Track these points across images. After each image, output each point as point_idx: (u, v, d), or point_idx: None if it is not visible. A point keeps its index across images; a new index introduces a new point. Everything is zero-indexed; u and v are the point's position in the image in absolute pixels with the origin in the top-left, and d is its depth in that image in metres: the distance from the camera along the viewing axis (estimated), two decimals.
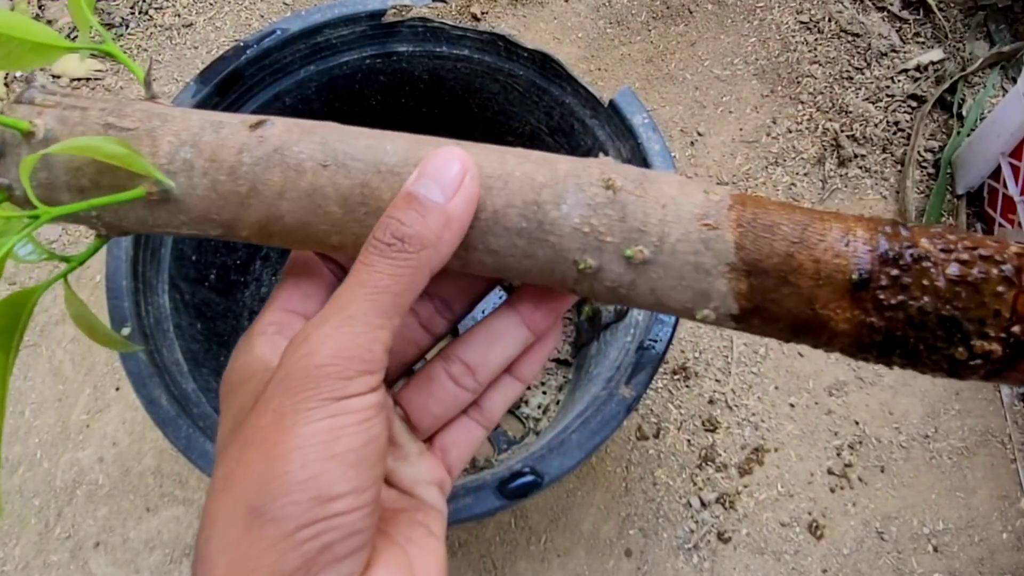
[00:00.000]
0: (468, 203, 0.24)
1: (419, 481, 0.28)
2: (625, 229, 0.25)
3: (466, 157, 0.25)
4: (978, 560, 0.67)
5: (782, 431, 0.72)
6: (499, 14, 0.93)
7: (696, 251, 0.25)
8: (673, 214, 0.25)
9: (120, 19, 0.94)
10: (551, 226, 0.25)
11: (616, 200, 0.25)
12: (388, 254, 0.24)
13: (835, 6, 0.92)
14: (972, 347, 0.23)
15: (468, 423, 0.30)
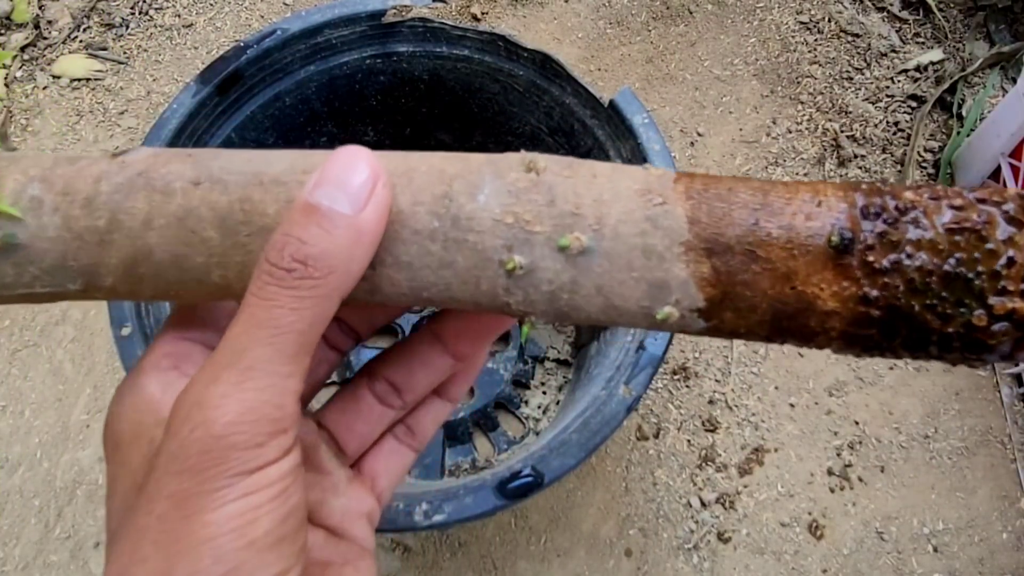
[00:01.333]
0: (381, 214, 0.20)
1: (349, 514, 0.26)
2: (556, 214, 0.21)
3: (373, 158, 0.21)
4: (978, 560, 0.67)
5: (782, 431, 0.72)
6: (499, 14, 0.93)
7: (643, 231, 0.21)
8: (610, 191, 0.21)
9: (120, 19, 0.94)
10: (468, 221, 0.21)
11: (541, 182, 0.21)
12: (288, 282, 0.19)
13: (835, 6, 0.92)
14: (991, 307, 0.20)
15: (397, 447, 0.28)
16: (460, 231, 0.21)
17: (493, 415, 0.70)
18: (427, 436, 0.28)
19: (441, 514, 0.42)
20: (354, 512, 0.26)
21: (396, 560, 0.66)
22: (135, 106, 0.89)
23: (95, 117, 0.88)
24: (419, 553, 0.67)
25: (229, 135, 0.57)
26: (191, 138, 0.54)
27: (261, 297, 0.19)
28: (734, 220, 0.21)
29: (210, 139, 0.56)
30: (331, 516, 0.25)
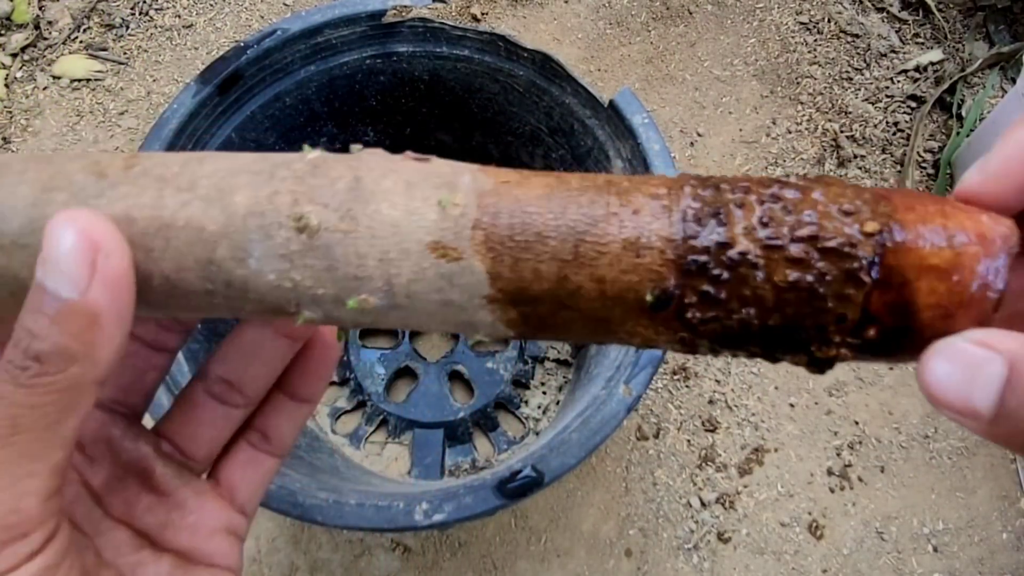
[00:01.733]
0: (113, 288, 0.18)
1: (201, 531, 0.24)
2: (338, 278, 0.19)
3: (90, 223, 0.18)
4: (978, 560, 0.67)
5: (782, 431, 0.72)
6: (499, 15, 0.93)
7: (439, 288, 0.19)
8: (397, 249, 0.19)
9: (120, 20, 0.94)
10: (244, 285, 0.19)
11: (316, 245, 0.19)
12: (23, 380, 0.17)
13: (835, 7, 0.92)
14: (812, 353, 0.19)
15: (254, 454, 0.26)
16: (238, 292, 0.19)
17: (493, 415, 0.70)
18: (286, 441, 0.27)
19: (441, 514, 0.42)
20: (207, 529, 0.24)
21: (396, 560, 0.66)
22: (135, 106, 0.89)
23: (95, 118, 0.88)
24: (419, 553, 0.67)
25: (229, 135, 0.57)
26: (191, 138, 0.54)
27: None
28: (541, 275, 0.19)
29: (210, 139, 0.56)
30: (177, 538, 0.24)
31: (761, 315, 0.18)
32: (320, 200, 0.19)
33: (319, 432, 0.68)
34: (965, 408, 0.17)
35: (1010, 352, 0.16)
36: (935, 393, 0.17)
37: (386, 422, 0.70)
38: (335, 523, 0.42)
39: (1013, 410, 0.16)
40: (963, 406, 0.17)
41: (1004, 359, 0.16)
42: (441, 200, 0.19)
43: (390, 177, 0.20)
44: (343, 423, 0.71)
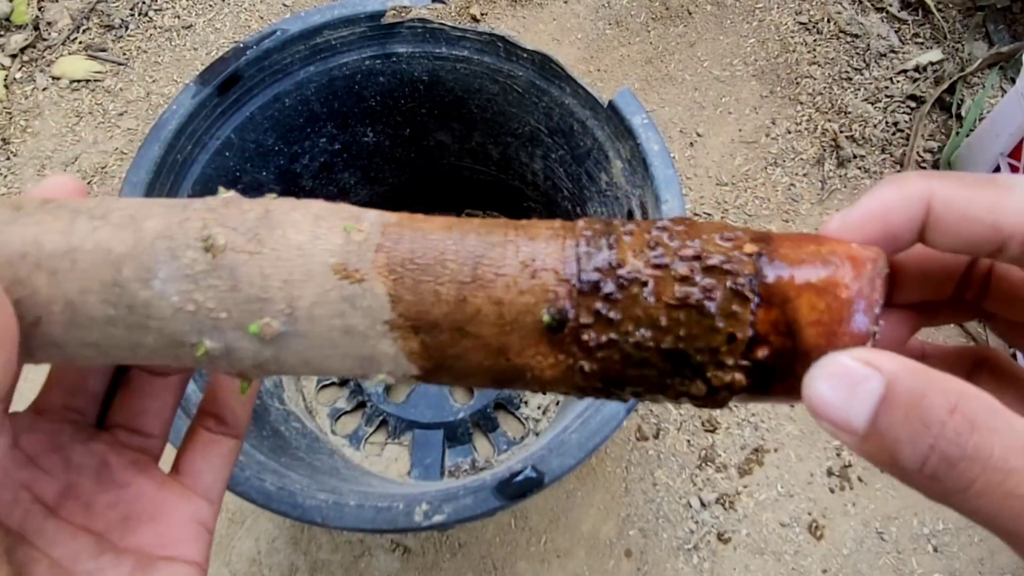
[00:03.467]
0: None
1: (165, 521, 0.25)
2: (240, 300, 0.19)
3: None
4: (978, 560, 0.67)
5: (782, 431, 0.72)
6: (498, 15, 0.93)
7: (341, 312, 0.19)
8: (301, 270, 0.19)
9: (120, 21, 0.94)
10: (146, 308, 0.19)
11: (221, 265, 0.19)
12: None
13: (834, 7, 0.92)
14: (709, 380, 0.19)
15: (212, 437, 0.27)
16: (139, 318, 0.20)
17: (493, 416, 0.70)
18: (240, 419, 0.28)
19: (441, 514, 0.42)
20: (171, 519, 0.25)
21: (396, 560, 0.66)
22: (135, 107, 0.89)
23: (95, 118, 0.88)
24: (419, 553, 0.67)
25: (229, 136, 0.57)
26: (191, 139, 0.54)
27: None
28: (440, 297, 0.19)
29: (210, 140, 0.56)
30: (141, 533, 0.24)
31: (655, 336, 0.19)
32: (229, 224, 0.20)
33: (319, 433, 0.68)
34: (842, 421, 0.18)
35: (890, 372, 0.17)
36: (816, 406, 0.18)
37: (386, 423, 0.70)
38: (335, 524, 0.42)
39: (884, 428, 0.17)
40: (841, 419, 0.18)
41: (883, 378, 0.17)
42: (346, 227, 0.20)
43: (299, 210, 0.20)
44: (343, 424, 0.71)
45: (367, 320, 0.20)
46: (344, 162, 0.68)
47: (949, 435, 0.16)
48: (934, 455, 0.16)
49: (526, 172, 0.68)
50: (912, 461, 0.17)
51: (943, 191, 0.19)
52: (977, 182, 0.19)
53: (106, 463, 0.25)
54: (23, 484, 0.23)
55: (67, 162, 0.86)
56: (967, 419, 0.16)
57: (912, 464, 0.17)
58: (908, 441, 0.17)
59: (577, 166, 0.61)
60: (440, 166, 0.72)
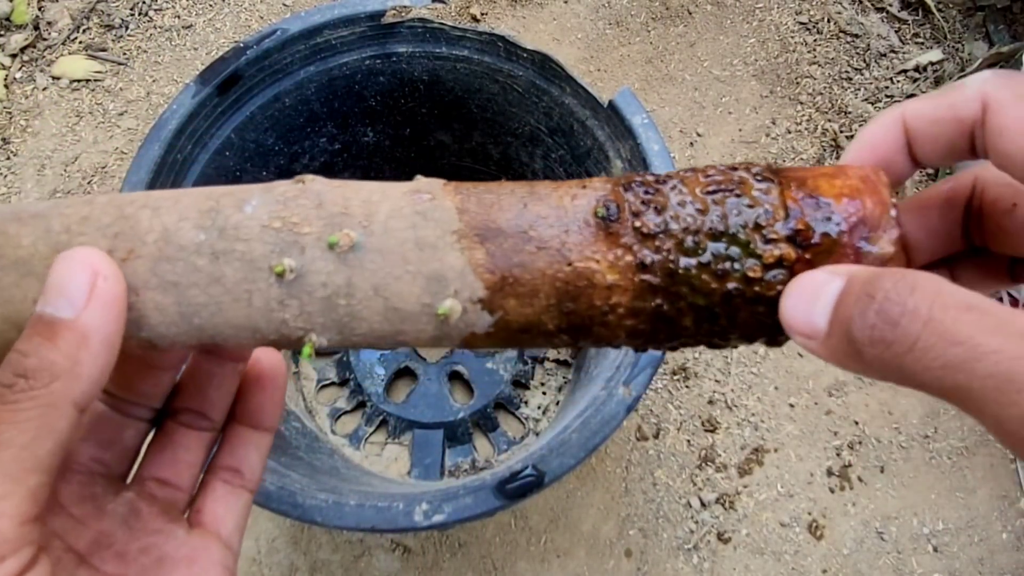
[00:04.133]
0: (105, 310, 0.20)
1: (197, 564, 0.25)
2: (324, 215, 0.21)
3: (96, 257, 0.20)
4: (978, 560, 0.67)
5: (782, 431, 0.72)
6: (498, 15, 0.93)
7: (413, 224, 0.21)
8: (379, 193, 0.22)
9: (120, 20, 0.94)
10: (235, 231, 0.21)
11: (309, 189, 0.21)
12: (7, 398, 0.19)
13: (834, 7, 0.92)
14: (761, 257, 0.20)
15: (231, 489, 0.28)
16: (227, 241, 0.21)
17: (493, 415, 0.70)
18: (256, 472, 0.28)
19: (441, 514, 0.42)
20: (202, 562, 0.25)
21: (396, 560, 0.66)
22: (135, 107, 0.89)
23: (95, 118, 0.88)
24: (419, 553, 0.67)
25: (229, 136, 0.57)
26: (191, 139, 0.54)
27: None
28: (503, 206, 0.21)
29: (210, 140, 0.56)
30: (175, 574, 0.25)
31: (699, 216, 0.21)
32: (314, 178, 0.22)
33: (319, 433, 0.68)
34: (807, 326, 0.19)
35: (849, 272, 0.19)
36: (786, 319, 0.20)
37: (386, 423, 0.70)
38: (335, 524, 0.42)
39: (840, 319, 0.18)
40: (805, 325, 0.19)
41: (843, 278, 0.19)
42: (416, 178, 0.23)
43: None
44: (343, 424, 0.71)
45: (437, 230, 0.21)
46: (344, 162, 0.68)
47: (891, 296, 0.17)
48: (879, 319, 0.17)
49: (526, 172, 0.68)
50: (862, 331, 0.17)
51: (912, 107, 0.22)
52: (938, 92, 0.21)
53: (137, 510, 0.25)
54: (55, 533, 0.23)
55: (67, 162, 0.86)
56: (908, 284, 0.17)
57: (862, 335, 0.17)
58: (858, 315, 0.18)
59: (577, 166, 0.61)
60: (440, 166, 0.72)
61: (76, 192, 0.84)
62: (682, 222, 0.21)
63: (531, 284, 0.21)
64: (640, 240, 0.21)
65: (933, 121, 0.21)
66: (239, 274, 0.21)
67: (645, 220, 0.21)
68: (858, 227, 0.21)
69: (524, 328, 0.21)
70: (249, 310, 0.21)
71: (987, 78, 0.20)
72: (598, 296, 0.21)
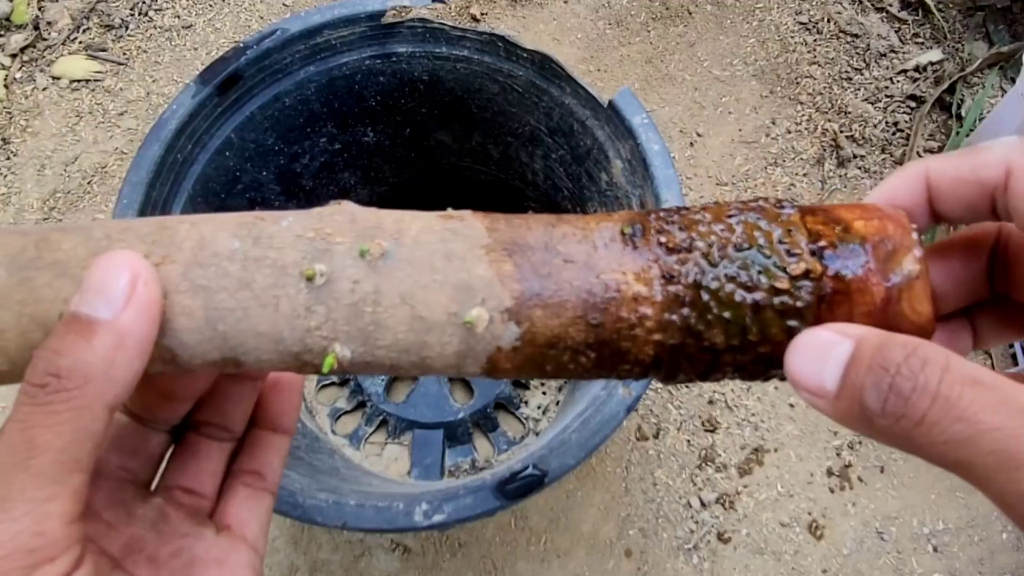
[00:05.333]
0: (143, 313, 0.20)
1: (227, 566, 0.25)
2: (358, 229, 0.21)
3: (136, 260, 0.20)
4: (978, 560, 0.67)
5: (782, 431, 0.72)
6: (498, 15, 0.93)
7: (443, 239, 0.21)
8: (411, 216, 0.22)
9: (120, 20, 0.94)
10: (269, 240, 0.21)
11: (344, 209, 0.22)
12: (41, 398, 0.18)
13: (834, 7, 0.92)
14: (786, 269, 0.21)
15: (253, 492, 0.28)
16: (261, 248, 0.21)
17: (493, 415, 0.70)
18: (276, 474, 0.29)
19: (441, 514, 0.42)
20: (231, 565, 0.26)
21: (396, 560, 0.66)
22: (135, 107, 0.89)
23: (95, 118, 0.88)
24: (419, 553, 0.67)
25: (229, 136, 0.57)
26: (191, 139, 0.54)
27: (16, 420, 0.18)
28: (531, 227, 0.22)
29: (210, 140, 0.56)
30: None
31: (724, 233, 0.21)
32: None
33: (319, 433, 0.68)
34: (816, 385, 0.19)
35: (858, 335, 0.19)
36: (794, 375, 0.20)
37: (386, 423, 0.70)
38: (335, 524, 0.42)
39: (853, 384, 0.19)
40: (814, 384, 0.19)
41: (852, 342, 0.19)
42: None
43: None
44: (343, 424, 0.71)
45: (466, 244, 0.21)
46: (344, 162, 0.68)
47: (904, 372, 0.18)
48: (891, 393, 0.18)
49: (526, 172, 0.68)
50: (875, 403, 0.18)
51: (935, 164, 0.22)
52: (963, 151, 0.22)
53: (165, 515, 0.26)
54: (90, 537, 0.24)
55: (67, 162, 0.86)
56: (920, 358, 0.18)
57: (875, 405, 0.18)
58: (871, 386, 0.18)
59: (577, 166, 0.61)
60: (440, 166, 0.72)
61: (76, 192, 0.84)
62: (707, 239, 0.21)
63: (558, 296, 0.21)
64: (666, 253, 0.21)
65: (956, 181, 0.22)
66: (269, 279, 0.21)
67: (671, 236, 0.21)
68: (881, 245, 0.21)
69: (551, 342, 0.21)
70: (275, 316, 0.21)
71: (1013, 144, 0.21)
72: (626, 307, 0.21)
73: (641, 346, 0.21)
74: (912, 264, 0.21)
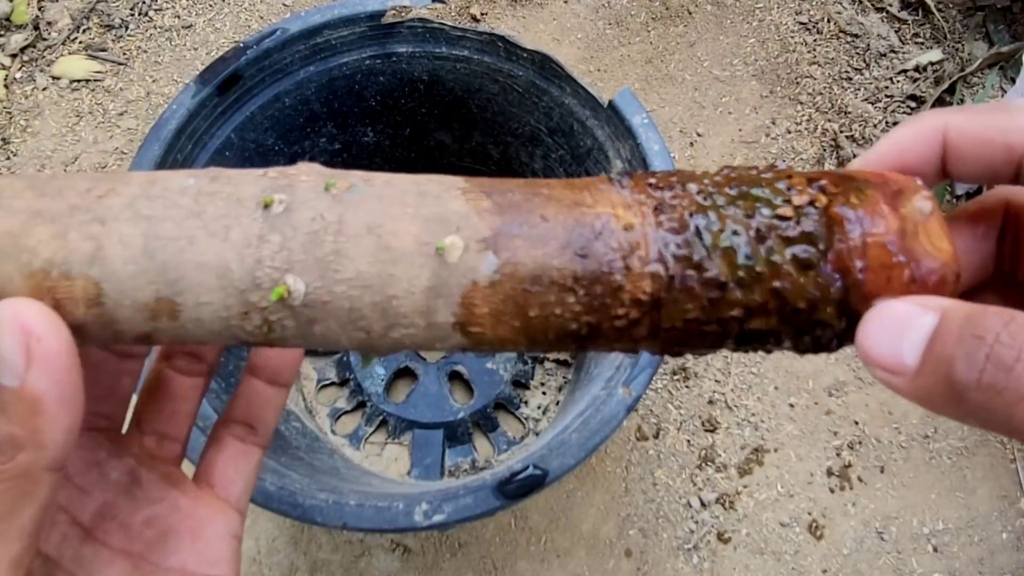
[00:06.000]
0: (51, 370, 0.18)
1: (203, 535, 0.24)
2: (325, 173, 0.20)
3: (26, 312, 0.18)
4: (978, 560, 0.67)
5: (782, 431, 0.72)
6: (498, 15, 0.93)
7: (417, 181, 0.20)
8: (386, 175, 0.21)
9: (120, 20, 0.94)
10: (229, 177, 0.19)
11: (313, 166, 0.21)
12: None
13: (834, 7, 0.92)
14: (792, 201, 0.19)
15: (243, 447, 0.27)
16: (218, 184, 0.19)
17: (493, 415, 0.70)
18: (269, 429, 0.28)
19: (441, 514, 0.42)
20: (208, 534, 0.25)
21: (396, 560, 0.66)
22: (135, 107, 0.89)
23: (95, 118, 0.88)
24: (419, 553, 0.67)
25: (229, 136, 0.57)
26: (191, 139, 0.54)
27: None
28: (511, 186, 0.20)
29: (210, 140, 0.56)
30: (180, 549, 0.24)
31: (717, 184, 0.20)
32: None
33: (319, 433, 0.68)
34: (892, 362, 0.18)
35: (942, 307, 0.17)
36: (866, 347, 0.18)
37: (386, 422, 0.70)
38: (335, 524, 0.42)
39: (938, 353, 0.17)
40: (891, 359, 0.18)
41: (936, 313, 0.17)
42: None
43: None
44: (343, 424, 0.71)
45: (442, 186, 0.20)
46: (344, 162, 0.68)
47: (1004, 340, 0.16)
48: (990, 363, 0.16)
49: (526, 172, 0.68)
50: (968, 375, 0.16)
51: (956, 120, 0.20)
52: (988, 108, 0.20)
53: (137, 479, 0.25)
54: (61, 506, 0.23)
55: (67, 162, 0.86)
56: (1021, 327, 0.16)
57: (968, 378, 0.16)
58: (963, 356, 0.16)
59: (577, 166, 0.61)
60: (440, 166, 0.72)
61: None
62: (700, 182, 0.20)
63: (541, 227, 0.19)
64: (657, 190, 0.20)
65: (980, 141, 0.20)
66: (221, 210, 0.19)
67: (661, 178, 0.20)
68: (886, 186, 0.19)
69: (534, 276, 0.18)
70: (223, 245, 0.18)
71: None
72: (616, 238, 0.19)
73: (636, 281, 0.19)
74: (922, 201, 0.19)
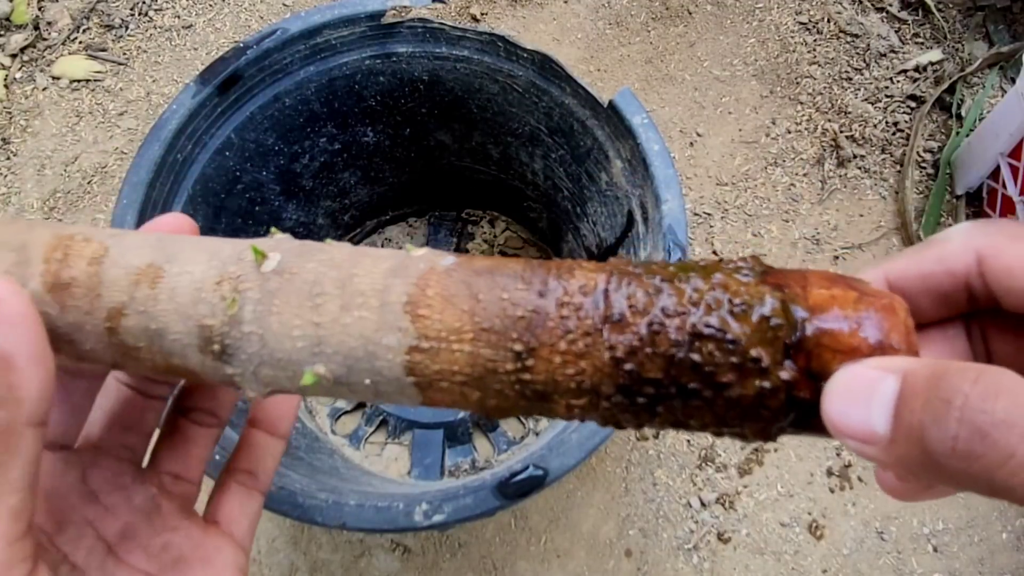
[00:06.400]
0: (16, 328, 0.19)
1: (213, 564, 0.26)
2: None
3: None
4: (978, 560, 0.67)
5: None
6: (498, 15, 0.93)
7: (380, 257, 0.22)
8: None
9: (120, 20, 0.94)
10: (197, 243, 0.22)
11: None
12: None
13: (834, 7, 0.92)
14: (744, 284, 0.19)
15: (246, 491, 0.29)
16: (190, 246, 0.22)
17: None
18: (269, 476, 0.29)
19: (441, 514, 0.42)
20: (217, 563, 0.26)
21: (396, 560, 0.66)
22: (135, 107, 0.89)
23: (95, 118, 0.88)
24: (419, 553, 0.67)
25: (229, 136, 0.57)
26: (191, 139, 0.54)
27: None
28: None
29: (210, 140, 0.56)
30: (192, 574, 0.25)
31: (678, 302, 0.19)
32: None
33: (319, 433, 0.68)
34: (864, 432, 0.17)
35: (902, 367, 0.17)
36: (835, 423, 0.17)
37: (386, 423, 0.70)
38: (335, 524, 0.42)
39: (907, 425, 0.16)
40: (862, 430, 0.17)
41: (897, 376, 0.17)
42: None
43: None
44: (343, 424, 0.71)
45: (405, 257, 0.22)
46: (344, 162, 0.68)
47: (974, 404, 0.15)
48: (963, 429, 0.15)
49: (526, 172, 0.68)
50: (941, 443, 0.15)
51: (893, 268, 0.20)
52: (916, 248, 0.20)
53: (157, 506, 0.26)
54: (88, 520, 0.24)
55: (67, 162, 0.86)
56: (990, 387, 0.15)
57: (942, 447, 0.15)
58: (933, 423, 0.15)
59: (577, 166, 0.61)
60: (440, 166, 0.72)
61: (76, 192, 0.84)
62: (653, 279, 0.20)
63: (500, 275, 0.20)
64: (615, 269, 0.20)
65: (922, 278, 0.20)
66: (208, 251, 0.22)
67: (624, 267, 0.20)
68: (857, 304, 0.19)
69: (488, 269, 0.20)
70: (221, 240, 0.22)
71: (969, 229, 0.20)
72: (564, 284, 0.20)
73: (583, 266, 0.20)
74: None
